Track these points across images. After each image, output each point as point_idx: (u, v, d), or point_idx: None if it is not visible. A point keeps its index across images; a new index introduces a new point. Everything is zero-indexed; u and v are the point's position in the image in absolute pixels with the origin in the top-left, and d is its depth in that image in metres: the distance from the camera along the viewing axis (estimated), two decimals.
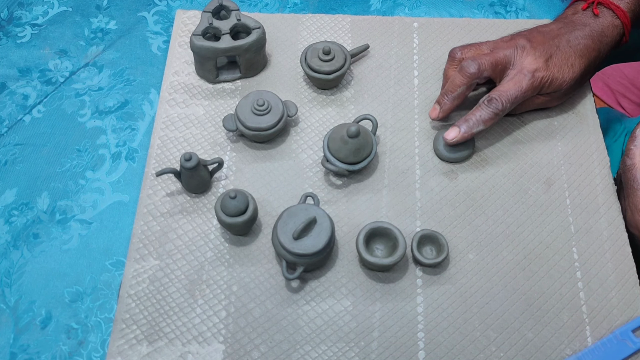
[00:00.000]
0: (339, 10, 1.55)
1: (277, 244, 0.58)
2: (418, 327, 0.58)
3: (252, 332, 0.58)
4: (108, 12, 1.57)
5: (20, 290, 1.17)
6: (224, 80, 0.72)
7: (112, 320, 1.14)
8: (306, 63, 0.70)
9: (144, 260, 0.61)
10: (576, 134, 0.70)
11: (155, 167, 0.67)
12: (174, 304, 0.59)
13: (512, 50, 0.65)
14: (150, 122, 1.37)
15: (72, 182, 1.30)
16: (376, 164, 0.67)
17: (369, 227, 0.60)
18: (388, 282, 0.60)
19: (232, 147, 0.68)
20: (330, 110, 0.71)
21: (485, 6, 1.56)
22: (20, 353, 1.12)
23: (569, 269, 0.61)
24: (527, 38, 0.66)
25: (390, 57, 0.75)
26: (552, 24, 0.69)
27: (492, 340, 0.58)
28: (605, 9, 0.68)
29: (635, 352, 0.56)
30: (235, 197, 0.58)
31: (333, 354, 0.57)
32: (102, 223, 1.25)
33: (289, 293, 0.60)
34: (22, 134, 1.37)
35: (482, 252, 0.62)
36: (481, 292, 0.60)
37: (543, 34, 0.67)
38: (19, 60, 1.48)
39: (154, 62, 1.48)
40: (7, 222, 1.25)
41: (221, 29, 0.69)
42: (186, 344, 0.57)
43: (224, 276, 0.61)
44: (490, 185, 0.66)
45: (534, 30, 0.68)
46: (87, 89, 1.44)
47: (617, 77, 1.32)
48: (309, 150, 0.68)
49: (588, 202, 0.65)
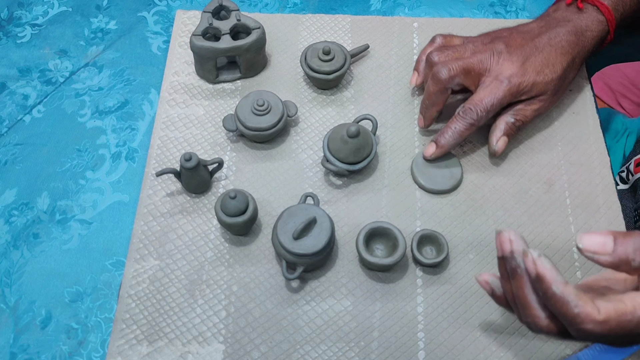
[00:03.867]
0: (339, 10, 1.55)
1: (277, 244, 0.58)
2: (418, 327, 0.58)
3: (252, 332, 0.58)
4: (108, 12, 1.57)
5: (20, 290, 1.17)
6: (224, 81, 0.72)
7: (112, 320, 1.14)
8: (306, 63, 0.70)
9: (144, 260, 0.61)
10: (576, 134, 0.70)
11: (155, 167, 0.67)
12: (174, 304, 0.59)
13: (487, 54, 0.64)
14: (150, 122, 1.37)
15: (72, 182, 1.30)
16: (376, 164, 0.67)
17: (369, 227, 0.60)
18: (388, 282, 0.60)
19: (232, 147, 0.68)
20: (330, 110, 0.71)
21: (485, 6, 1.56)
22: (20, 353, 1.12)
23: (569, 269, 0.61)
24: (505, 42, 0.64)
25: (390, 57, 0.75)
26: (534, 22, 0.68)
27: (492, 340, 0.58)
28: (589, 5, 0.66)
29: (635, 352, 0.56)
30: (235, 197, 0.58)
31: (333, 354, 0.57)
32: (102, 223, 1.25)
33: (289, 293, 0.60)
34: (22, 134, 1.37)
35: (482, 252, 0.62)
36: (481, 292, 0.60)
37: (523, 35, 0.65)
38: (19, 60, 1.48)
39: (154, 62, 1.48)
40: (7, 222, 1.25)
41: (221, 29, 0.69)
42: (186, 344, 0.57)
43: (224, 276, 0.61)
44: (490, 185, 0.66)
45: (514, 31, 0.66)
46: (87, 89, 1.44)
47: (617, 77, 1.32)
48: (309, 150, 0.68)
49: (588, 202, 0.65)
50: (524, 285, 0.44)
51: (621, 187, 0.83)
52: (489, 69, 0.63)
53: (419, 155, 0.67)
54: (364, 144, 0.62)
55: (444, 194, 0.65)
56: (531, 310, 0.44)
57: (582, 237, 0.43)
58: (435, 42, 0.69)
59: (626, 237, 0.42)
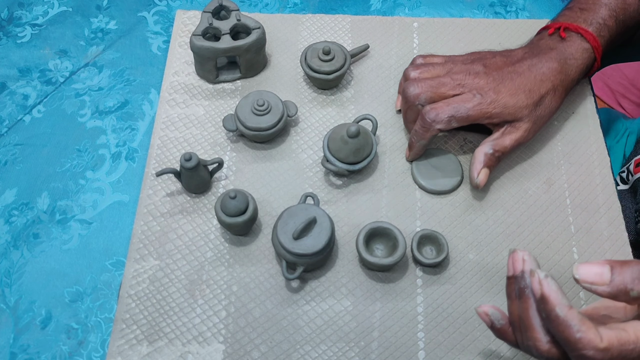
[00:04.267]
0: (339, 10, 1.55)
1: (277, 244, 0.58)
2: (418, 327, 0.58)
3: (252, 332, 0.58)
4: (108, 12, 1.57)
5: (20, 290, 1.18)
6: (224, 81, 0.72)
7: (112, 320, 1.14)
8: (306, 63, 0.70)
9: (144, 260, 0.61)
10: (576, 134, 0.70)
11: (155, 167, 0.67)
12: (174, 304, 0.59)
13: (463, 74, 0.63)
14: (150, 122, 1.37)
15: (72, 182, 1.30)
16: (376, 164, 0.67)
17: (369, 227, 0.60)
18: (388, 282, 0.60)
19: (232, 147, 0.68)
20: (330, 110, 0.71)
21: (485, 6, 1.56)
22: (20, 353, 1.12)
23: (569, 269, 0.61)
24: (485, 63, 0.64)
25: (390, 57, 0.75)
26: (519, 49, 0.67)
27: (492, 340, 0.58)
28: (573, 33, 0.65)
29: None
30: (235, 197, 0.58)
31: (333, 354, 0.57)
32: (102, 223, 1.25)
33: (289, 293, 0.60)
34: (22, 134, 1.37)
35: (482, 252, 0.62)
36: (481, 292, 0.60)
37: (505, 59, 0.65)
38: (19, 60, 1.48)
39: (154, 62, 1.48)
40: (7, 222, 1.25)
41: (221, 29, 0.69)
42: (186, 344, 0.57)
43: (224, 276, 0.61)
44: (490, 185, 0.66)
45: (498, 54, 0.66)
46: (87, 89, 1.44)
47: (617, 77, 1.32)
48: (309, 150, 0.68)
49: (588, 202, 0.65)
50: (530, 306, 0.43)
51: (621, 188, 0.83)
52: (462, 85, 0.62)
53: None
54: (364, 144, 0.63)
55: (444, 194, 0.65)
56: (533, 332, 0.44)
57: (578, 268, 0.42)
58: (416, 62, 0.68)
59: (623, 266, 0.42)
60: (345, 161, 0.63)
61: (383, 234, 0.60)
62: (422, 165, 0.66)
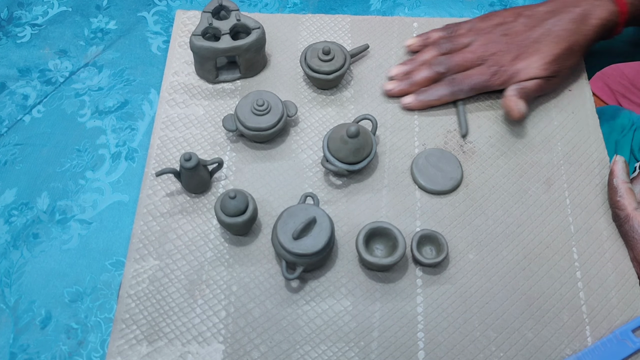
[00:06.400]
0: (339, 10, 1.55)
1: (277, 244, 0.58)
2: (418, 327, 0.58)
3: (252, 332, 0.58)
4: (108, 12, 1.57)
5: (20, 290, 1.17)
6: (223, 81, 0.72)
7: (112, 320, 1.14)
8: (306, 63, 0.70)
9: (143, 260, 0.61)
10: (576, 134, 0.70)
11: (155, 167, 0.67)
12: (174, 304, 0.59)
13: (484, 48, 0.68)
14: (150, 122, 1.37)
15: (72, 182, 1.30)
16: (376, 164, 0.67)
17: (368, 227, 0.59)
18: (388, 282, 0.60)
19: (232, 147, 0.68)
20: (330, 110, 0.71)
21: (485, 6, 1.55)
22: (20, 353, 1.12)
23: (569, 269, 0.61)
24: (505, 31, 0.68)
25: (390, 57, 0.75)
26: (543, 5, 0.69)
27: (492, 340, 0.58)
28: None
29: (635, 352, 0.56)
30: (235, 197, 0.58)
31: (333, 354, 0.57)
32: (102, 223, 1.25)
33: (288, 293, 0.60)
34: (22, 134, 1.37)
35: (482, 252, 0.62)
36: (481, 292, 0.60)
37: (525, 21, 0.68)
38: (19, 60, 1.48)
39: (154, 62, 1.48)
40: (7, 222, 1.25)
41: (221, 29, 0.69)
42: (186, 344, 0.57)
43: (224, 276, 0.60)
44: (490, 185, 0.66)
45: (520, 17, 0.69)
46: (87, 89, 1.44)
47: (617, 77, 1.32)
48: (308, 150, 0.68)
49: (588, 202, 0.65)
50: None
51: None
52: (482, 58, 0.68)
53: (419, 156, 0.67)
54: (363, 144, 0.62)
55: (443, 194, 0.65)
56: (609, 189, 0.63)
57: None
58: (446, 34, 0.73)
59: None
60: (345, 161, 0.63)
61: (383, 234, 0.60)
62: (422, 165, 0.66)
